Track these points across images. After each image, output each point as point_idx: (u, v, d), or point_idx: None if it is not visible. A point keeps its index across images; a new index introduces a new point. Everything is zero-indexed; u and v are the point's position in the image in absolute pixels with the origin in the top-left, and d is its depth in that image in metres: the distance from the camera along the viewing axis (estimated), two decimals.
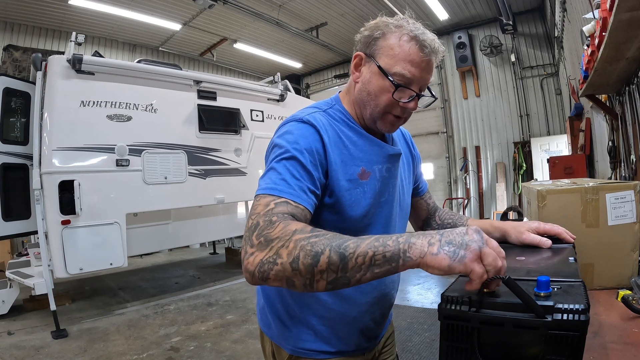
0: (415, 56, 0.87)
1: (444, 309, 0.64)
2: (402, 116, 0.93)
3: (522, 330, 0.57)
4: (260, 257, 0.68)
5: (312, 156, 0.84)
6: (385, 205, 0.98)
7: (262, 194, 0.78)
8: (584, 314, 0.54)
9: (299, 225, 0.70)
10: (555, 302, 0.57)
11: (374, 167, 0.95)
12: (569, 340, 0.55)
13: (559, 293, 0.61)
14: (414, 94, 0.90)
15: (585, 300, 0.57)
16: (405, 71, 0.87)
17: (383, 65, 0.88)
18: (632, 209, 1.15)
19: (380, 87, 0.89)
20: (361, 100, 0.94)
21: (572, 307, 0.55)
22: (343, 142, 0.92)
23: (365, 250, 0.62)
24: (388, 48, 0.88)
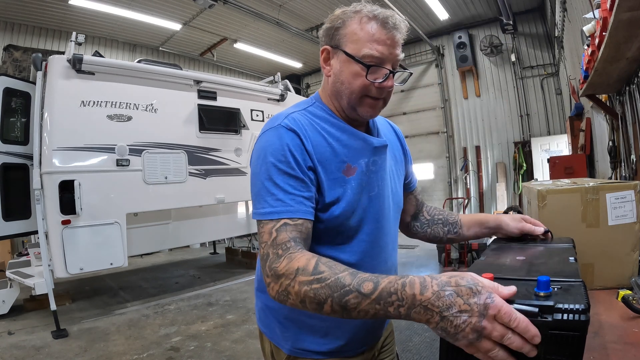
0: (379, 34, 0.87)
1: None
2: (380, 97, 0.92)
3: None
4: (276, 289, 0.76)
5: (297, 162, 0.85)
6: (376, 199, 0.97)
7: (263, 220, 0.82)
8: (584, 314, 0.54)
9: (301, 262, 0.74)
10: (555, 302, 0.56)
11: (359, 162, 0.94)
12: (569, 340, 0.55)
13: (559, 293, 0.61)
14: (387, 71, 0.89)
15: (586, 300, 0.57)
16: (373, 51, 0.86)
17: (350, 51, 0.88)
18: (632, 208, 1.15)
19: (352, 73, 0.89)
20: (337, 92, 0.94)
21: (572, 307, 0.55)
22: (325, 139, 0.92)
23: (366, 309, 0.66)
24: (351, 34, 0.88)
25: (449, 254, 5.75)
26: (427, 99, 9.66)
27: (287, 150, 0.85)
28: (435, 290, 0.60)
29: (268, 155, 0.85)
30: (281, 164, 0.84)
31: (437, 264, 6.03)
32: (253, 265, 6.35)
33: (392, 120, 1.23)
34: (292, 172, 0.84)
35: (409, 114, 9.95)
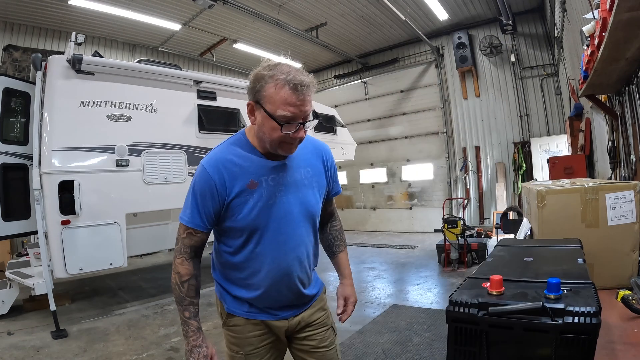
0: (291, 98, 1.10)
1: (452, 311, 0.63)
2: (294, 142, 1.19)
3: (532, 333, 0.56)
4: (173, 269, 1.29)
5: (203, 195, 1.21)
6: (274, 207, 1.25)
7: (180, 223, 1.28)
8: (595, 317, 0.53)
9: (182, 270, 1.26)
10: (566, 305, 0.55)
11: (260, 178, 1.23)
12: (580, 343, 0.54)
13: (569, 295, 0.60)
14: (298, 124, 1.14)
15: (597, 302, 0.56)
16: (286, 112, 1.10)
17: (268, 110, 1.12)
18: (632, 209, 1.15)
19: (270, 127, 1.14)
20: (260, 138, 1.22)
21: (583, 310, 0.54)
22: (235, 162, 1.23)
23: (180, 315, 1.28)
24: (268, 97, 1.12)
25: (449, 254, 5.75)
26: (426, 99, 9.66)
27: (197, 183, 1.25)
28: (188, 343, 1.26)
29: (192, 183, 1.27)
30: (195, 191, 1.24)
31: (436, 264, 6.03)
32: None
33: (391, 120, 1.61)
34: (199, 199, 1.23)
35: (409, 114, 9.95)
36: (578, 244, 0.98)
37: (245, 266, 1.28)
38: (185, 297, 1.23)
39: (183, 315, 1.25)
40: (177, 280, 1.24)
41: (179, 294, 1.24)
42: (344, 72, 11.26)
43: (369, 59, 10.58)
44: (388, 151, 10.34)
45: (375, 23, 8.65)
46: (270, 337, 1.35)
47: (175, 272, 1.25)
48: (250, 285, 1.30)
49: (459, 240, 5.69)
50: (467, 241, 5.75)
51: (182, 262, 1.24)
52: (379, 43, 9.92)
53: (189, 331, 1.24)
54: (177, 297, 1.25)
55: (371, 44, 9.91)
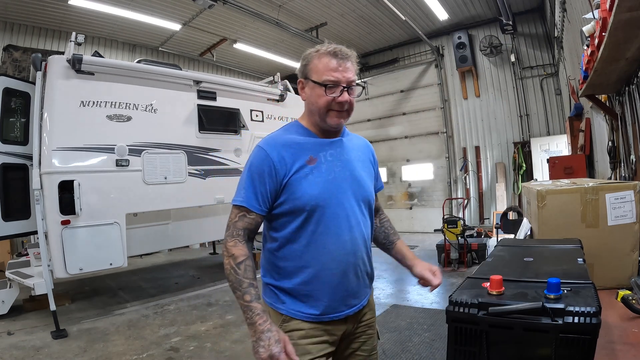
0: (332, 64, 1.21)
1: (452, 311, 0.63)
2: (342, 109, 1.24)
3: (532, 333, 0.56)
4: (224, 251, 1.24)
5: (261, 174, 1.21)
6: (334, 182, 1.25)
7: (233, 205, 1.26)
8: (595, 317, 0.53)
9: (237, 252, 1.19)
10: (566, 305, 0.55)
11: (319, 154, 1.26)
12: (580, 343, 0.54)
13: (569, 295, 0.60)
14: (342, 87, 1.21)
15: (597, 302, 0.56)
16: (329, 76, 1.20)
17: (314, 79, 1.23)
18: (632, 209, 1.15)
19: (317, 94, 1.23)
20: (310, 111, 1.28)
21: (583, 310, 0.54)
22: (293, 141, 1.26)
23: (238, 300, 1.18)
24: (313, 68, 1.23)
25: (449, 254, 5.75)
26: (426, 99, 9.66)
27: (254, 163, 1.24)
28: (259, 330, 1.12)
29: (247, 162, 1.27)
30: (251, 172, 1.23)
31: (436, 264, 6.03)
32: None
33: (391, 120, 1.70)
34: (256, 179, 1.22)
35: (409, 114, 9.95)
36: (578, 244, 0.98)
37: (306, 252, 1.22)
38: (243, 279, 1.15)
39: (243, 300, 1.13)
40: (232, 263, 1.17)
41: (235, 277, 1.16)
42: None
43: (369, 59, 10.58)
44: (388, 151, 10.34)
45: (375, 23, 8.65)
46: (329, 348, 1.26)
47: (228, 256, 1.18)
48: (312, 274, 1.22)
49: (459, 240, 5.69)
50: (467, 241, 5.75)
51: (235, 244, 1.19)
52: (378, 43, 9.92)
53: (253, 316, 1.11)
54: (234, 281, 1.16)
55: (371, 44, 9.91)
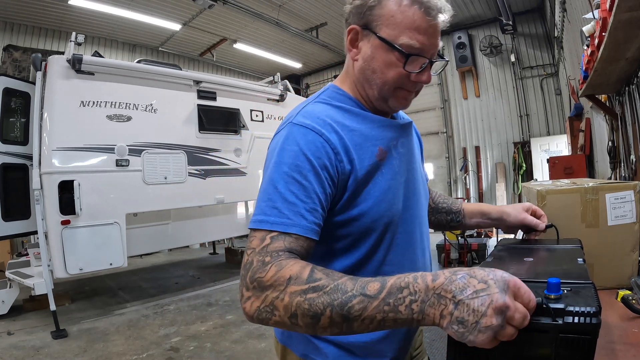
0: (422, 22, 0.75)
1: None
2: (414, 90, 0.84)
3: (531, 333, 0.57)
4: (256, 305, 0.64)
5: (312, 166, 0.73)
6: (408, 186, 0.87)
7: (255, 229, 0.70)
8: (595, 317, 0.53)
9: (293, 270, 0.62)
10: (566, 305, 0.56)
11: (389, 145, 0.84)
12: (580, 343, 0.54)
13: (569, 295, 0.60)
14: (426, 62, 0.79)
15: (597, 302, 0.56)
16: (413, 41, 0.76)
17: (386, 37, 0.77)
18: (632, 209, 1.15)
19: (386, 61, 0.79)
20: (365, 80, 0.83)
21: (583, 310, 0.54)
22: (350, 125, 0.81)
23: (372, 315, 0.56)
24: (387, 16, 0.76)
25: (449, 254, 5.75)
26: (426, 99, 9.67)
27: (299, 152, 0.74)
28: (447, 276, 0.54)
29: (282, 153, 0.75)
30: (292, 166, 0.73)
31: (436, 264, 6.03)
32: None
33: None
34: (302, 178, 0.72)
35: (409, 114, 9.77)
36: (578, 244, 0.98)
37: None
38: (338, 282, 0.59)
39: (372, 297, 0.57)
40: (299, 287, 0.61)
41: (328, 295, 0.59)
42: None
43: None
44: None
45: None
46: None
47: (280, 289, 0.62)
48: None
49: (459, 240, 5.69)
50: (467, 241, 5.75)
51: (279, 266, 0.64)
52: None
53: (417, 291, 0.55)
54: (331, 299, 0.58)
55: None
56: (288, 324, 0.62)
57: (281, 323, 0.63)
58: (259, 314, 0.64)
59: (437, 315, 0.53)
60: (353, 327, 0.58)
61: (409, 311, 0.54)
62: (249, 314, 0.66)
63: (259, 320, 0.65)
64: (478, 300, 0.50)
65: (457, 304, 0.51)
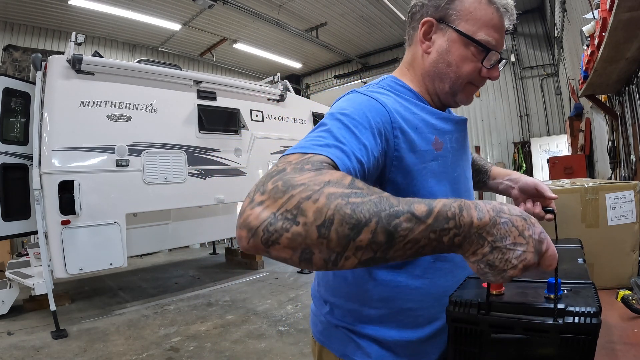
0: (497, 20, 0.79)
1: (452, 311, 0.63)
2: (480, 86, 0.87)
3: (532, 333, 0.57)
4: (271, 211, 0.48)
5: (370, 125, 0.70)
6: (460, 183, 0.87)
7: (290, 153, 0.61)
8: (595, 317, 0.53)
9: (334, 175, 0.53)
10: (566, 305, 0.56)
11: (445, 137, 0.84)
12: (580, 343, 0.54)
13: (569, 295, 0.60)
14: (498, 58, 0.82)
15: (597, 302, 0.56)
16: (490, 37, 0.79)
17: (465, 31, 0.78)
18: (632, 209, 1.15)
19: (462, 56, 0.80)
20: (438, 73, 0.83)
21: (583, 310, 0.54)
22: (410, 109, 0.81)
23: (417, 238, 0.49)
24: (467, 12, 0.78)
25: None
26: None
27: (359, 110, 0.71)
28: (492, 215, 0.51)
29: (332, 109, 0.74)
30: (345, 116, 0.69)
31: None
32: (253, 265, 6.35)
33: None
34: (354, 126, 0.68)
35: None
36: (578, 244, 0.98)
37: (420, 286, 0.80)
38: (382, 195, 0.51)
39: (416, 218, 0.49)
40: (337, 188, 0.50)
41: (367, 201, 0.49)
42: (344, 72, 11.26)
43: (369, 59, 10.59)
44: None
45: (375, 23, 8.65)
46: None
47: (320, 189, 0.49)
48: (422, 317, 0.80)
49: None
50: None
51: (321, 171, 0.54)
52: (379, 43, 9.93)
53: (462, 225, 0.50)
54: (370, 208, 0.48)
55: (371, 43, 9.91)
56: (313, 237, 0.47)
57: (300, 239, 0.47)
58: (272, 223, 0.47)
59: (470, 251, 0.51)
60: (389, 252, 0.49)
61: (450, 243, 0.51)
62: (252, 225, 0.48)
63: (266, 234, 0.47)
64: (514, 253, 0.49)
65: (494, 249, 0.50)
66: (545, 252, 0.51)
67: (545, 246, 0.51)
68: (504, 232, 0.50)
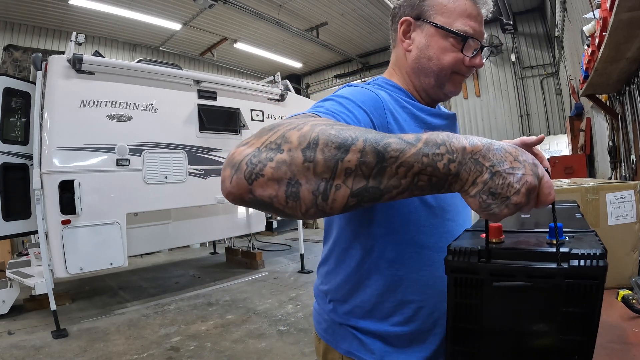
0: (471, 9, 0.82)
1: (451, 261, 0.60)
2: (467, 74, 0.88)
3: (534, 280, 0.53)
4: (256, 145, 0.47)
5: (363, 107, 0.72)
6: None
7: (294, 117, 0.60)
8: (602, 259, 0.50)
9: (321, 117, 0.55)
10: (570, 248, 0.53)
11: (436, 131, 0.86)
12: (587, 289, 0.51)
13: (572, 241, 0.57)
14: (479, 46, 0.83)
15: (602, 245, 0.53)
16: (467, 27, 0.81)
17: (441, 24, 0.81)
18: (632, 208, 1.15)
19: (442, 47, 0.82)
20: (421, 69, 0.86)
21: (589, 253, 0.51)
22: (401, 103, 0.84)
23: (410, 162, 0.47)
24: (440, 5, 0.82)
25: None
26: None
27: (351, 96, 0.73)
28: (484, 143, 0.50)
29: (330, 96, 0.75)
30: (342, 98, 0.72)
31: None
32: (253, 265, 6.35)
33: None
34: (351, 105, 0.70)
35: None
36: (574, 203, 0.97)
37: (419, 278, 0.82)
38: (364, 128, 0.54)
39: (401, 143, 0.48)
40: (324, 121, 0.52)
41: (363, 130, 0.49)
42: (344, 72, 11.25)
43: (370, 58, 10.58)
44: None
45: (375, 22, 8.65)
46: None
47: (304, 122, 0.50)
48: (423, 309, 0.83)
49: None
50: None
51: (303, 116, 0.58)
52: (379, 42, 9.92)
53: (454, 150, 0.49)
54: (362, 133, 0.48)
55: (372, 43, 9.91)
56: (299, 161, 0.45)
57: (285, 167, 0.45)
58: (254, 157, 0.46)
59: (469, 181, 0.49)
60: (383, 177, 0.47)
61: (446, 170, 0.48)
62: (235, 160, 0.47)
63: (249, 167, 0.46)
64: (515, 177, 0.47)
65: (494, 175, 0.48)
66: (542, 177, 0.49)
67: (541, 171, 0.50)
68: (500, 157, 0.49)
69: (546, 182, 0.50)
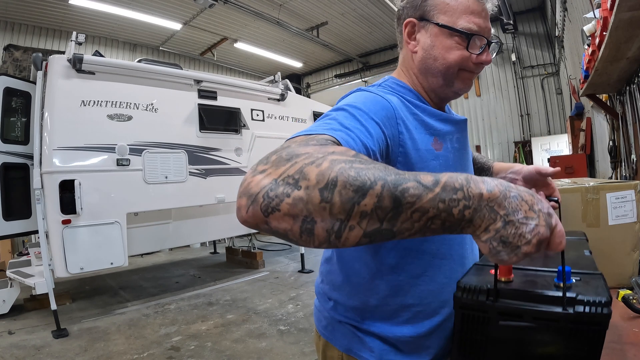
0: (475, 6, 0.81)
1: (460, 298, 0.61)
2: (476, 72, 0.86)
3: (540, 322, 0.55)
4: (272, 177, 0.47)
5: (375, 117, 0.71)
6: None
7: (295, 136, 0.59)
8: (606, 307, 0.52)
9: (339, 148, 0.52)
10: (577, 294, 0.54)
11: (445, 138, 0.86)
12: (589, 334, 0.52)
13: (579, 284, 0.58)
14: (485, 42, 0.82)
15: (607, 292, 0.54)
16: (471, 24, 0.80)
17: (445, 23, 0.81)
18: (633, 208, 1.15)
19: (447, 46, 0.82)
20: (428, 69, 0.85)
21: (594, 300, 0.52)
22: (411, 108, 0.83)
23: (426, 207, 0.47)
24: (442, 5, 0.81)
25: None
26: None
27: (367, 105, 0.73)
28: (501, 189, 0.49)
29: (339, 105, 0.75)
30: (351, 107, 0.71)
31: None
32: (253, 264, 6.35)
33: None
34: (361, 116, 0.69)
35: None
36: (583, 236, 0.97)
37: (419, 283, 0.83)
38: (388, 166, 0.50)
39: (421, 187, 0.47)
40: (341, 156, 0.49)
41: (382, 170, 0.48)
42: (344, 72, 11.26)
43: (370, 58, 10.58)
44: None
45: (375, 22, 8.65)
46: None
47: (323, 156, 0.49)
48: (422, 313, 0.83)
49: None
50: None
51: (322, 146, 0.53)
52: (379, 42, 9.92)
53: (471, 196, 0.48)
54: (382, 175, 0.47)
55: (372, 43, 9.91)
56: (315, 200, 0.45)
57: (301, 204, 0.45)
58: (273, 189, 0.46)
59: (481, 227, 0.49)
60: (397, 222, 0.47)
61: (460, 216, 0.48)
62: (251, 192, 0.47)
63: (265, 201, 0.46)
64: (527, 227, 0.47)
65: (507, 224, 0.48)
66: (555, 226, 0.49)
67: (554, 220, 0.50)
68: (515, 206, 0.48)
69: (558, 232, 0.50)
